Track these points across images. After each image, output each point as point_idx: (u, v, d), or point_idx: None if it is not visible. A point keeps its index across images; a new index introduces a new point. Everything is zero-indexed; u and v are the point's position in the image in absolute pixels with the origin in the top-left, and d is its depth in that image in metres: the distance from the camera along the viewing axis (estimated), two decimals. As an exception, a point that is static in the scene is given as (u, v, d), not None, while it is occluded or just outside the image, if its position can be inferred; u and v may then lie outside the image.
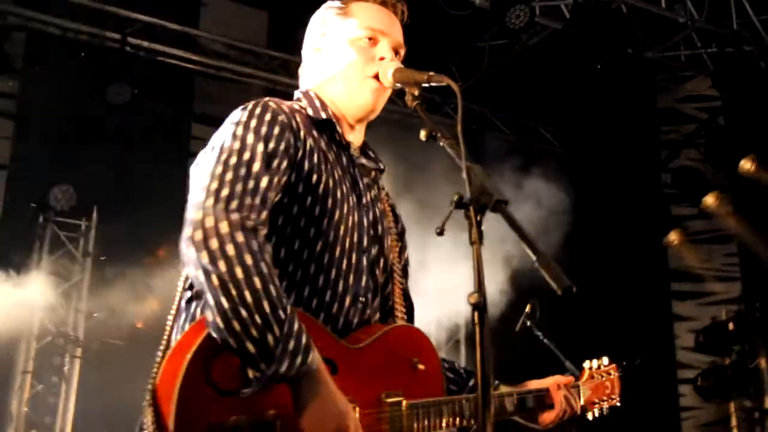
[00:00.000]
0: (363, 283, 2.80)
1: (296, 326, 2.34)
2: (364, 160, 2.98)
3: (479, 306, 2.24)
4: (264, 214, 2.47)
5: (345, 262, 2.74)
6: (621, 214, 10.82)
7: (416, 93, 2.73)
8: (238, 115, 2.66)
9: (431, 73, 2.69)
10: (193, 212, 2.38)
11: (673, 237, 10.99)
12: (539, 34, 10.04)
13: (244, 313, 2.28)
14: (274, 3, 10.33)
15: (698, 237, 11.40)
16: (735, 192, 11.05)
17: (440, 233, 2.43)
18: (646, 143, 11.98)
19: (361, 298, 2.78)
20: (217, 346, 2.32)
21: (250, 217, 2.42)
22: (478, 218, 2.32)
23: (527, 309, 8.05)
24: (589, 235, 10.09)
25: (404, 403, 2.68)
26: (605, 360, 3.55)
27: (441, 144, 2.56)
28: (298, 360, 2.32)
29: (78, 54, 9.43)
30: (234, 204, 2.40)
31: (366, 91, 2.88)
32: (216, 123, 2.73)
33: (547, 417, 3.21)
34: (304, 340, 2.35)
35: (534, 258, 2.26)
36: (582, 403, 3.38)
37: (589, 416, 3.45)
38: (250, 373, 2.30)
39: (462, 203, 2.34)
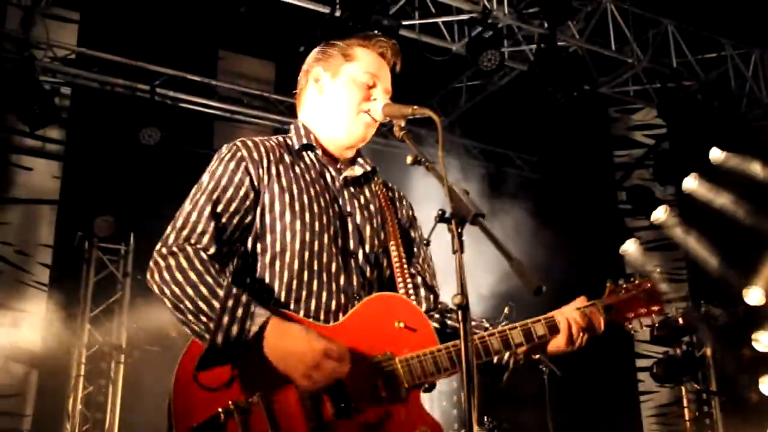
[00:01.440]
0: (355, 282, 2.75)
1: (231, 303, 2.40)
2: (350, 171, 2.94)
3: (462, 306, 2.22)
4: (206, 238, 2.57)
5: (334, 265, 2.72)
6: (582, 227, 10.80)
7: (402, 124, 2.73)
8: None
9: (415, 107, 2.71)
10: None
11: (629, 246, 10.96)
12: (508, 74, 10.07)
13: (192, 318, 2.42)
14: (280, 55, 10.33)
15: (650, 245, 11.38)
16: (680, 206, 11.05)
17: (427, 244, 2.43)
18: (602, 166, 11.99)
19: (355, 295, 2.73)
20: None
21: (184, 242, 2.54)
22: (459, 230, 2.31)
23: (506, 311, 8.05)
24: (554, 245, 10.06)
25: (396, 359, 2.60)
26: (634, 278, 3.04)
27: (425, 167, 2.55)
28: (234, 328, 2.37)
29: (114, 104, 9.43)
30: (171, 239, 2.56)
31: (360, 124, 2.89)
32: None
33: (556, 343, 2.83)
34: (240, 313, 2.39)
35: (508, 263, 2.25)
36: (607, 320, 2.93)
37: (636, 327, 2.97)
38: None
39: (444, 218, 2.33)
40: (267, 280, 2.66)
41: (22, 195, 9.15)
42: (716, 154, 10.12)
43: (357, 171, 2.95)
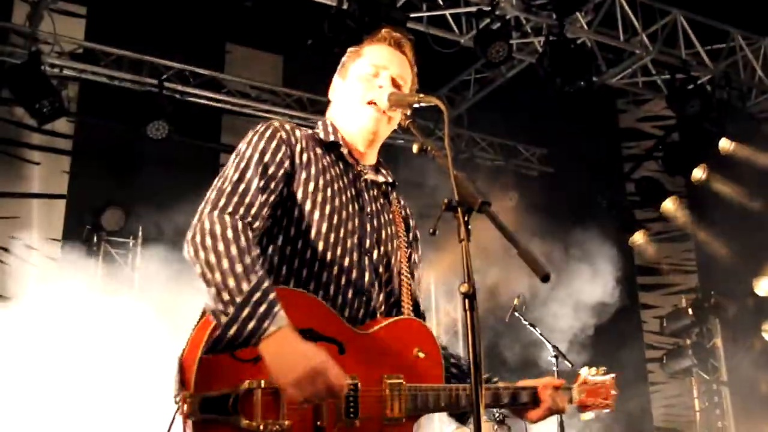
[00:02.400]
0: (366, 279, 2.73)
1: (256, 297, 2.29)
2: (373, 176, 2.93)
3: (469, 294, 2.20)
4: (253, 210, 2.51)
5: (347, 260, 2.69)
6: (591, 219, 10.77)
7: (408, 113, 2.71)
8: (247, 136, 2.73)
9: (421, 95, 2.69)
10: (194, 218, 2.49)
11: (638, 237, 10.93)
12: (516, 67, 10.03)
13: (214, 291, 2.31)
14: (288, 49, 10.32)
15: (659, 236, 11.36)
16: (690, 197, 11.02)
17: (433, 233, 2.40)
18: (611, 157, 11.96)
19: (364, 293, 2.72)
20: None
21: (237, 211, 2.47)
22: (466, 218, 2.29)
23: (515, 302, 8.04)
24: (563, 237, 10.04)
25: (404, 385, 2.59)
26: (602, 369, 3.36)
27: (431, 156, 2.53)
28: (250, 325, 2.26)
29: (122, 98, 9.44)
30: (222, 202, 2.48)
31: (365, 115, 2.83)
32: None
33: (535, 414, 3.03)
34: (262, 309, 2.28)
35: (516, 250, 2.23)
36: (575, 403, 3.20)
37: (584, 416, 3.31)
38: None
39: (451, 206, 2.31)
40: (275, 263, 2.64)
41: (30, 189, 9.16)
42: (725, 145, 10.08)
43: (379, 178, 2.95)
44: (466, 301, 2.20)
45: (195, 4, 9.38)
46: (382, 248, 2.83)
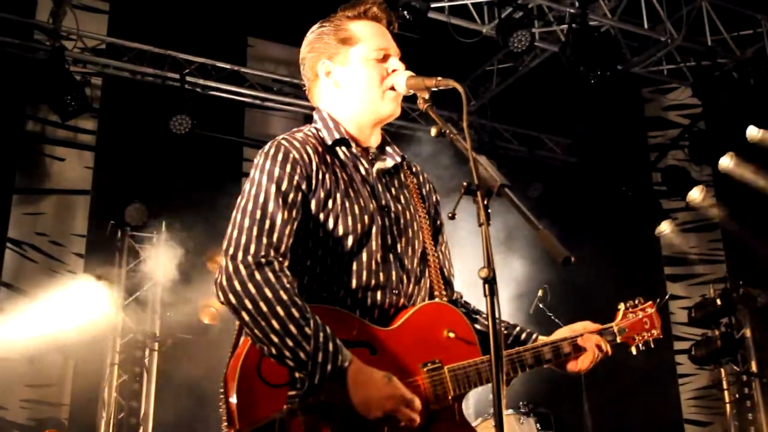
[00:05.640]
0: (394, 276, 2.72)
1: (322, 337, 2.35)
2: (381, 163, 2.89)
3: (489, 279, 2.17)
4: (282, 247, 2.51)
5: (373, 263, 2.68)
6: (618, 210, 10.69)
7: (426, 97, 2.67)
8: (257, 159, 2.68)
9: (439, 78, 2.66)
10: (222, 260, 2.47)
11: (665, 227, 10.83)
12: (539, 56, 9.94)
13: (276, 339, 2.34)
14: (310, 41, 10.30)
15: (686, 226, 11.25)
16: (717, 186, 10.90)
17: (452, 217, 2.37)
18: (637, 147, 11.85)
19: (393, 290, 2.71)
20: None
21: (268, 254, 2.46)
22: (485, 202, 2.25)
23: (540, 293, 8.00)
24: (589, 228, 9.97)
25: (445, 368, 2.62)
26: (640, 300, 3.25)
27: (450, 139, 2.50)
28: (329, 367, 2.32)
29: (145, 93, 9.48)
30: (252, 248, 2.46)
31: (388, 101, 2.82)
32: (263, 147, 2.75)
33: (581, 363, 2.92)
34: (331, 347, 2.34)
35: (536, 233, 2.19)
36: (619, 340, 3.09)
37: (633, 350, 3.17)
38: (296, 375, 2.36)
39: (470, 190, 2.27)
40: (305, 282, 2.62)
41: (55, 185, 9.23)
42: (753, 133, 9.94)
43: (388, 163, 2.91)
44: (486, 286, 2.17)
45: (216, -2, 9.41)
46: (404, 238, 2.80)
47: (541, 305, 7.69)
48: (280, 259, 2.47)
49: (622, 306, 3.20)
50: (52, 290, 8.63)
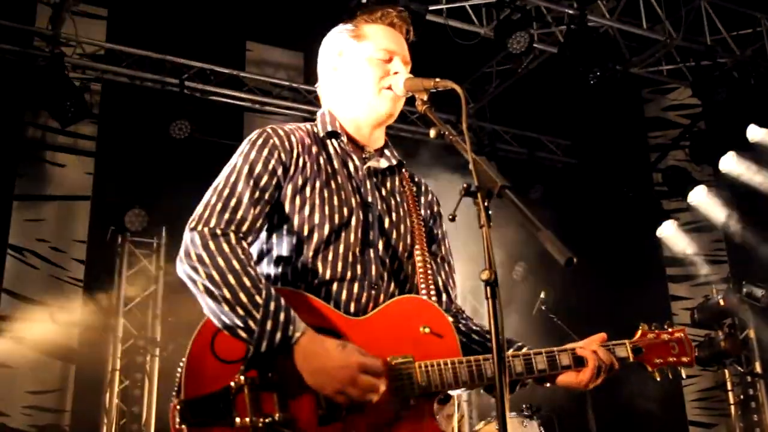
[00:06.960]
0: (373, 271, 2.70)
1: (273, 306, 2.36)
2: (375, 162, 2.89)
3: (490, 281, 2.15)
4: (245, 226, 2.54)
5: (350, 255, 2.67)
6: (619, 211, 10.67)
7: (425, 98, 2.67)
8: (241, 145, 2.74)
9: (437, 79, 2.65)
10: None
11: (666, 228, 10.81)
12: (538, 57, 9.93)
13: (226, 308, 2.36)
14: (308, 45, 10.28)
15: (688, 227, 11.23)
16: (718, 186, 10.88)
17: (452, 219, 2.35)
18: (637, 147, 11.84)
19: (372, 285, 2.68)
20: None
21: (228, 228, 2.49)
22: (486, 203, 2.24)
23: (542, 295, 7.98)
24: (591, 230, 9.95)
25: (413, 364, 2.52)
26: (668, 323, 3.02)
27: (449, 140, 2.49)
28: (278, 335, 2.33)
29: (144, 98, 9.47)
30: (213, 221, 2.50)
31: (384, 99, 2.83)
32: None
33: (582, 377, 2.71)
34: (282, 317, 2.36)
35: (537, 234, 2.18)
36: (633, 359, 2.85)
37: (657, 376, 2.93)
38: (250, 348, 2.36)
39: (470, 191, 2.26)
40: (280, 270, 2.64)
41: (55, 192, 9.22)
42: (754, 132, 9.93)
43: (382, 163, 2.90)
44: (488, 288, 2.15)
45: (214, 2, 9.38)
46: (387, 238, 2.79)
47: (543, 307, 7.67)
48: (241, 235, 2.51)
49: (644, 326, 2.99)
50: (53, 296, 8.63)
